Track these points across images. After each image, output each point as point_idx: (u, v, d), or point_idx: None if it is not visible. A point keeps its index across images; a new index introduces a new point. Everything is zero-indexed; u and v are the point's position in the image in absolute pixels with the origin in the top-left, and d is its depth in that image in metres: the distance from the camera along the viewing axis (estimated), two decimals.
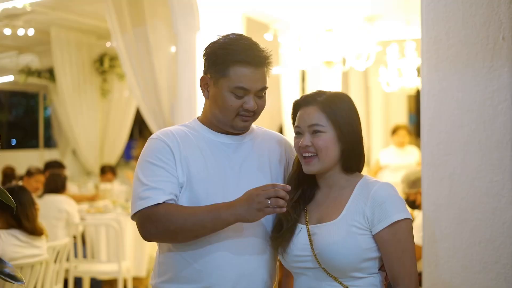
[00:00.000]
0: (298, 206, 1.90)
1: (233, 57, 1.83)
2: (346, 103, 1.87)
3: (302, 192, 1.92)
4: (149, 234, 1.82)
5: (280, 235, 1.86)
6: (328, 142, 1.83)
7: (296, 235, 1.85)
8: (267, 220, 1.90)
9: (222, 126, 1.92)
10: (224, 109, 1.87)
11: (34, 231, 3.61)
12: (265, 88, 1.89)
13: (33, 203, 3.65)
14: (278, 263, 1.99)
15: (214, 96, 1.90)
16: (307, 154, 1.84)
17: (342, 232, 1.77)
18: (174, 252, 1.88)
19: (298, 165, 1.93)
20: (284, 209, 1.69)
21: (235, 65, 1.83)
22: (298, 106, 1.90)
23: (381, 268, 1.84)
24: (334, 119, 1.83)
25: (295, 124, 1.89)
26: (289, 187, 1.71)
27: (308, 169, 1.85)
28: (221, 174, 1.88)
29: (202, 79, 1.93)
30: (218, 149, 1.91)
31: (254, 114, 1.90)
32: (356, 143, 1.86)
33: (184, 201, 1.84)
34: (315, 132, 1.83)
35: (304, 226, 1.86)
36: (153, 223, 1.78)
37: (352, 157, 1.86)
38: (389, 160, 6.85)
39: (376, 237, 1.78)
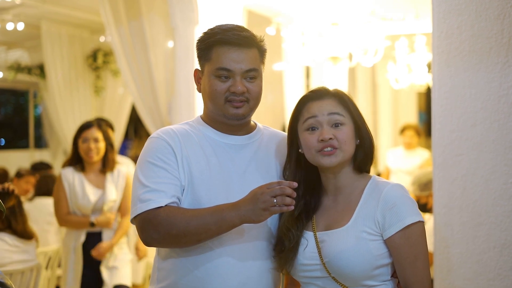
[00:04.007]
0: (301, 221, 1.87)
1: (213, 39, 1.88)
2: (351, 98, 1.90)
3: (304, 205, 1.89)
4: (150, 239, 1.81)
5: (283, 256, 1.85)
6: (349, 134, 1.83)
7: (302, 248, 1.84)
8: (272, 221, 1.90)
9: (217, 118, 1.92)
10: (212, 96, 1.89)
11: (23, 234, 3.61)
12: (253, 70, 1.89)
13: (20, 206, 3.64)
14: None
15: (203, 85, 1.93)
16: (328, 149, 1.80)
17: (352, 239, 1.77)
18: (174, 258, 1.88)
19: (296, 174, 1.90)
20: (292, 207, 1.69)
21: (215, 47, 1.88)
22: (306, 100, 1.87)
23: (393, 274, 1.83)
24: (351, 111, 1.84)
25: (308, 116, 1.83)
26: (295, 184, 1.70)
27: (330, 161, 1.81)
28: (225, 176, 1.88)
29: (195, 73, 1.98)
30: (221, 150, 1.92)
31: (247, 100, 1.89)
32: (369, 139, 1.87)
33: (185, 204, 1.84)
34: (336, 125, 1.81)
35: (311, 234, 1.85)
36: (154, 227, 1.78)
37: (366, 154, 1.87)
38: (392, 162, 6.84)
39: (387, 242, 1.78)
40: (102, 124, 4.05)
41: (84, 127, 3.97)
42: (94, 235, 3.87)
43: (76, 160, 3.98)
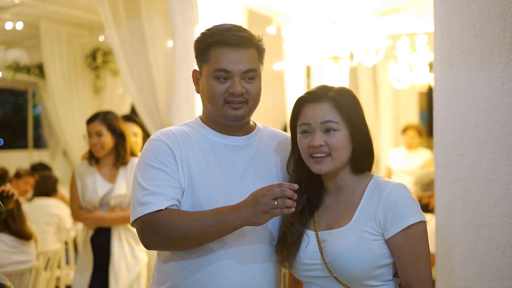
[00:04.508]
0: (304, 216, 1.88)
1: (211, 39, 1.87)
2: (354, 98, 1.88)
3: (307, 200, 1.90)
4: (151, 242, 1.81)
5: (286, 249, 1.86)
6: (343, 141, 1.82)
7: (304, 244, 1.85)
8: (273, 223, 1.90)
9: (216, 119, 1.92)
10: (211, 97, 1.88)
11: (22, 234, 3.60)
12: (252, 70, 1.88)
13: (19, 207, 3.64)
14: (286, 270, 1.99)
15: (202, 87, 1.92)
16: (319, 155, 1.82)
17: (353, 239, 1.77)
18: (175, 260, 1.88)
19: (298, 170, 1.91)
20: (293, 209, 1.69)
21: (213, 47, 1.86)
22: (303, 102, 1.87)
23: (395, 274, 1.84)
24: (348, 116, 1.83)
25: (302, 121, 1.85)
26: (296, 186, 1.71)
27: (320, 168, 1.83)
28: (224, 177, 1.88)
29: (193, 74, 1.97)
30: (221, 151, 1.91)
31: (246, 101, 1.88)
32: (367, 141, 1.86)
33: (185, 207, 1.84)
34: (328, 130, 1.81)
35: (313, 233, 1.85)
36: (154, 230, 1.78)
37: (364, 157, 1.86)
38: (393, 162, 6.84)
39: (389, 242, 1.78)
40: (109, 115, 3.83)
41: (88, 121, 3.84)
42: (103, 230, 3.75)
43: (91, 154, 3.85)
